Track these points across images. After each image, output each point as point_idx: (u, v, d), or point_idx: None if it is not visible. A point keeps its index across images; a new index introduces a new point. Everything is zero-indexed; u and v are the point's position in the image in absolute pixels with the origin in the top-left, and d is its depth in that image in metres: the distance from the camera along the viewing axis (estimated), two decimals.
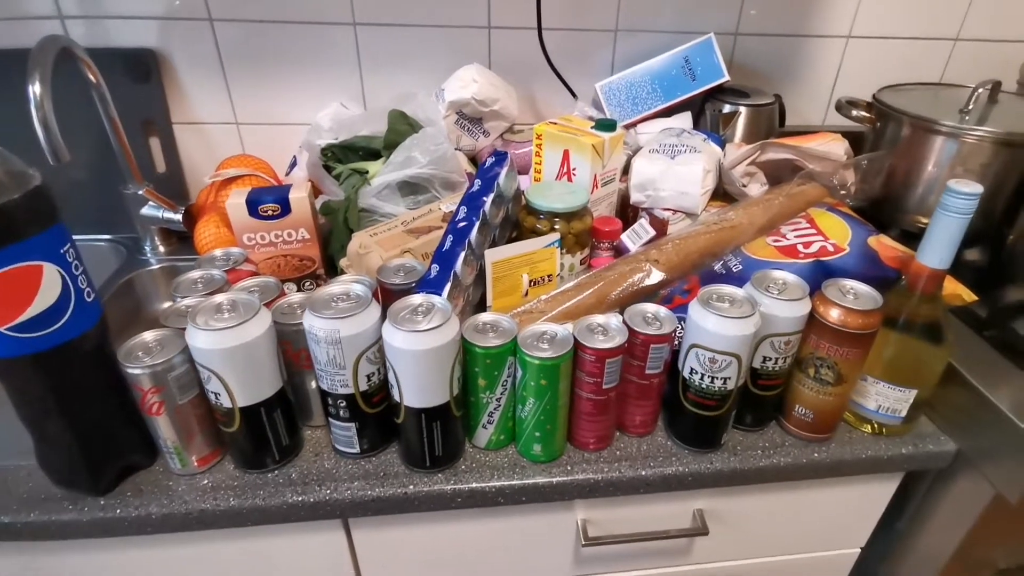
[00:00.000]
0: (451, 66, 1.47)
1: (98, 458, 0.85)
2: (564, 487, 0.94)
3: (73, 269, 0.73)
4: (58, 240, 0.71)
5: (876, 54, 1.66)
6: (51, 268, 0.70)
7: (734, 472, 0.97)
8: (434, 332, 0.79)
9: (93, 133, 1.37)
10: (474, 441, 0.97)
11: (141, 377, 0.79)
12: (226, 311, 0.81)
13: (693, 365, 0.89)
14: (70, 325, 0.73)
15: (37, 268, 0.69)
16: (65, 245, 0.72)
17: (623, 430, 1.01)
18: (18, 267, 0.68)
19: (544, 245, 1.03)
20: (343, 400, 0.87)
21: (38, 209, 0.69)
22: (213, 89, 1.48)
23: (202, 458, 0.90)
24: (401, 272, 1.00)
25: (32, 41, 1.10)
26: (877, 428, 1.01)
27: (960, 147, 1.24)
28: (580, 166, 1.18)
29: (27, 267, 0.68)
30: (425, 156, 1.24)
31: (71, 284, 0.73)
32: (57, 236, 0.71)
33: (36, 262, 0.69)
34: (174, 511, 0.86)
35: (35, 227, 0.69)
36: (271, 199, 1.14)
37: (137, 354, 0.80)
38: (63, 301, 0.72)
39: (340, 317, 0.79)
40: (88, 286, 0.76)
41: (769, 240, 1.09)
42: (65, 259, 0.72)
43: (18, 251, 0.67)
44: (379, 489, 0.90)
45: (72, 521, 0.85)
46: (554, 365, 0.84)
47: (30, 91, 1.02)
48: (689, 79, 1.49)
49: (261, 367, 0.83)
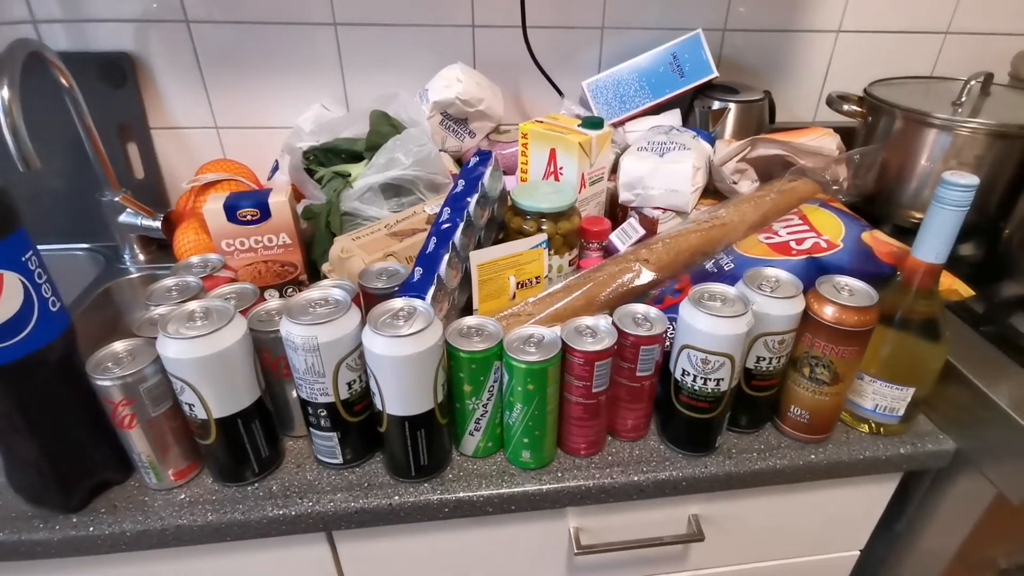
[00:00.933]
0: (435, 66, 1.45)
1: (69, 474, 0.82)
2: (555, 495, 0.92)
3: (36, 277, 0.70)
4: (19, 247, 0.69)
5: (866, 48, 1.65)
6: (12, 276, 0.68)
7: (729, 476, 0.95)
8: (416, 337, 0.76)
9: (68, 139, 1.35)
10: (461, 449, 0.95)
11: (111, 389, 0.76)
12: (199, 319, 0.78)
13: (685, 366, 0.87)
14: (34, 336, 0.71)
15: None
16: (27, 252, 0.70)
17: (614, 434, 0.99)
18: None
19: (531, 246, 1.01)
20: (323, 409, 0.84)
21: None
22: (191, 93, 1.46)
23: (178, 472, 0.87)
24: (384, 276, 0.98)
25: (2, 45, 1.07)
26: (875, 427, 0.99)
27: (954, 140, 1.23)
28: (567, 165, 1.16)
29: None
30: (408, 157, 1.22)
31: (34, 293, 0.70)
32: (17, 243, 0.69)
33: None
34: (150, 527, 0.84)
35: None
36: (250, 204, 1.11)
37: (106, 365, 0.78)
38: (26, 311, 0.69)
39: (318, 323, 0.77)
40: (53, 295, 0.74)
41: (761, 237, 1.07)
42: (27, 267, 0.69)
43: None
44: (363, 500, 0.88)
45: (43, 540, 0.82)
46: (541, 369, 0.82)
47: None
48: (677, 76, 1.47)
49: (237, 376, 0.80)
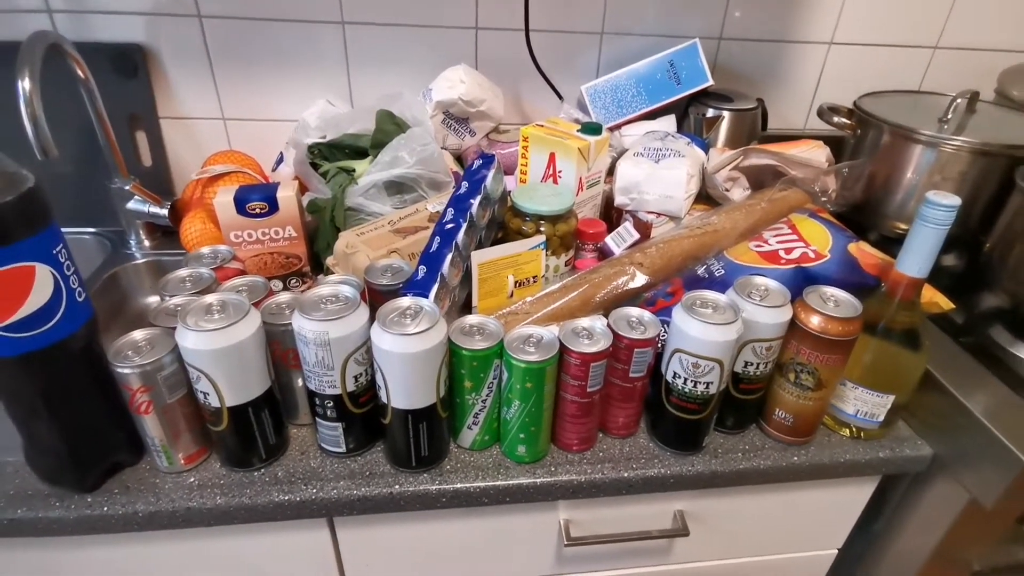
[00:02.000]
0: (438, 66, 1.48)
1: (85, 456, 0.86)
2: (548, 488, 0.95)
3: (65, 270, 0.74)
4: (51, 241, 0.72)
5: (857, 60, 1.68)
6: (43, 269, 0.71)
7: (715, 474, 0.98)
8: (422, 335, 0.80)
9: (78, 127, 1.37)
10: (459, 441, 0.98)
11: (130, 376, 0.80)
12: (216, 312, 0.81)
13: (676, 369, 0.91)
14: (61, 325, 0.74)
15: (29, 269, 0.69)
16: (58, 246, 0.73)
17: (606, 432, 1.02)
18: (10, 268, 0.68)
19: (530, 247, 1.04)
20: (330, 400, 0.88)
21: (31, 211, 0.70)
22: (200, 85, 1.48)
23: (189, 456, 0.91)
24: (388, 273, 1.01)
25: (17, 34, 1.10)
26: (855, 432, 1.03)
27: (938, 156, 1.26)
28: (566, 168, 1.19)
29: (19, 268, 0.69)
30: (412, 156, 1.25)
31: (63, 284, 0.73)
32: (50, 237, 0.72)
33: (28, 263, 0.69)
34: (161, 509, 0.87)
35: (28, 229, 0.69)
36: (259, 197, 1.14)
37: (126, 353, 0.81)
38: (55, 301, 0.72)
39: (329, 319, 0.80)
40: (79, 286, 0.77)
41: (751, 245, 1.10)
42: (57, 260, 0.72)
43: (11, 253, 0.68)
44: (365, 489, 0.91)
45: (59, 518, 0.85)
46: (540, 369, 0.85)
47: (19, 87, 1.02)
48: (674, 83, 1.50)
49: (250, 367, 0.83)
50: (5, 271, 0.67)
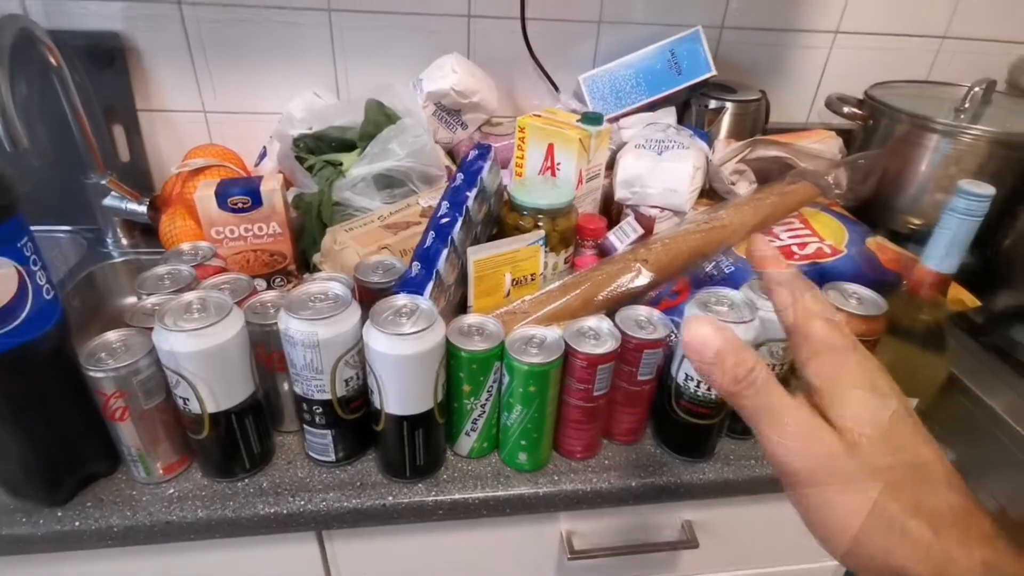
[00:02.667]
0: (429, 56, 1.44)
1: (55, 467, 0.81)
2: (550, 498, 0.92)
3: (31, 264, 0.69)
4: (15, 234, 0.67)
5: (862, 50, 1.65)
6: (6, 264, 0.66)
7: (727, 483, 0.95)
8: (419, 336, 0.76)
9: (52, 119, 1.32)
10: (455, 448, 0.94)
11: (104, 381, 0.75)
12: (196, 311, 0.77)
13: (688, 371, 0.87)
14: (27, 325, 0.69)
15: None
16: (23, 239, 0.68)
17: (610, 437, 0.99)
18: None
19: (528, 243, 1.00)
20: (319, 406, 0.83)
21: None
22: (180, 76, 1.43)
23: (168, 466, 0.86)
24: (380, 270, 0.97)
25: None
26: None
27: (955, 146, 1.24)
28: (565, 161, 1.16)
29: None
30: (403, 148, 1.21)
31: (28, 281, 0.69)
32: (14, 229, 0.67)
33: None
34: (138, 523, 0.83)
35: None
36: (241, 191, 1.10)
37: (100, 356, 0.77)
38: (19, 300, 0.68)
39: (319, 319, 0.76)
40: (47, 282, 0.72)
41: None
42: (22, 254, 0.68)
43: None
44: (356, 500, 0.87)
45: (26, 535, 0.81)
46: (544, 371, 0.82)
47: None
48: (675, 73, 1.47)
49: (233, 371, 0.79)
50: None
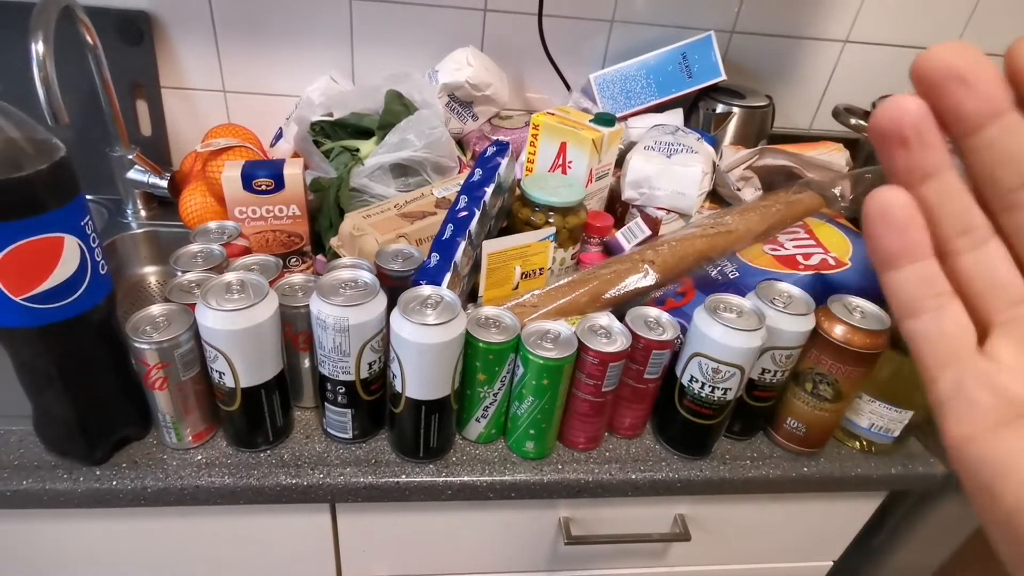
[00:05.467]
0: (442, 46, 1.51)
1: (95, 429, 0.88)
2: (554, 486, 0.98)
3: (91, 242, 0.76)
4: (80, 212, 0.74)
5: (870, 60, 1.70)
6: (72, 241, 0.73)
7: (723, 481, 1.02)
8: (444, 327, 0.82)
9: (80, 92, 1.39)
10: (464, 433, 1.01)
11: (148, 352, 0.82)
12: (236, 292, 0.84)
13: (694, 373, 0.93)
14: (84, 298, 0.76)
15: (59, 240, 0.72)
16: (85, 217, 0.75)
17: (612, 431, 1.05)
18: (41, 239, 0.70)
19: (540, 239, 1.06)
20: (342, 387, 0.91)
21: (63, 181, 0.72)
22: (204, 55, 1.50)
23: (197, 434, 0.94)
24: (400, 258, 1.03)
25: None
26: (866, 445, 1.06)
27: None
28: (577, 160, 1.22)
29: (49, 239, 0.71)
30: (420, 139, 1.27)
31: (88, 257, 0.76)
32: (79, 208, 0.74)
33: (58, 234, 0.71)
34: (170, 486, 0.90)
35: (58, 199, 0.71)
36: (265, 174, 1.16)
37: (144, 329, 0.83)
38: (80, 274, 0.75)
39: (350, 305, 0.83)
40: (103, 258, 0.79)
41: (766, 248, 1.13)
42: (85, 231, 0.75)
43: (42, 223, 0.70)
44: (371, 477, 0.94)
45: (67, 491, 0.88)
46: (558, 366, 0.88)
47: (32, 50, 1.04)
48: (685, 76, 1.53)
49: (266, 349, 0.86)
50: (35, 241, 0.70)
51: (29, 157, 0.69)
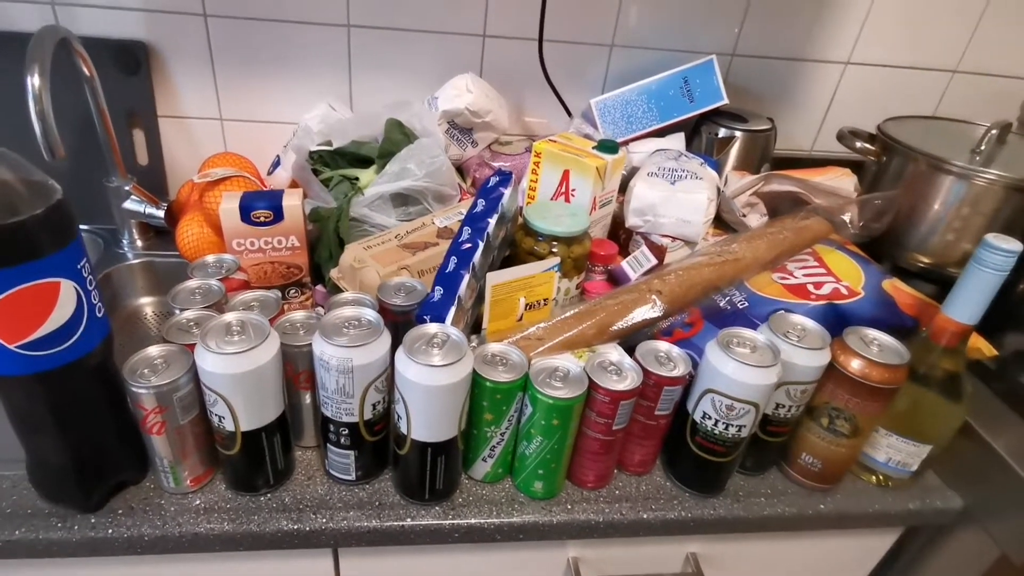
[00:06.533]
0: (441, 73, 1.52)
1: (91, 475, 0.87)
2: (564, 527, 0.97)
3: (88, 284, 0.75)
4: (76, 255, 0.73)
5: (872, 82, 1.72)
6: (68, 285, 0.72)
7: (737, 520, 1.00)
8: (451, 368, 0.81)
9: (76, 122, 1.39)
10: (470, 472, 1.00)
11: (145, 397, 0.81)
12: (236, 332, 0.83)
13: (707, 410, 0.92)
14: (80, 343, 0.75)
15: (54, 285, 0.70)
16: (82, 260, 0.74)
17: (621, 468, 1.04)
18: (35, 284, 0.69)
19: (544, 269, 1.05)
20: (346, 428, 0.89)
21: (59, 224, 0.71)
22: (200, 84, 1.51)
23: (195, 477, 0.93)
24: (402, 292, 1.02)
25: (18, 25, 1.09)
26: (883, 480, 1.05)
27: (970, 189, 1.28)
28: (580, 188, 1.22)
29: (44, 284, 0.70)
30: (421, 168, 1.27)
31: (85, 300, 0.74)
32: (76, 251, 0.73)
33: (54, 279, 0.70)
34: (167, 533, 0.88)
35: (55, 243, 0.70)
36: (264, 205, 1.15)
37: (142, 371, 0.82)
38: (76, 318, 0.74)
39: (354, 345, 0.82)
40: (99, 301, 0.78)
41: (775, 277, 1.12)
42: (81, 275, 0.74)
43: (37, 268, 0.69)
44: (375, 521, 0.93)
45: (61, 540, 0.87)
46: (568, 406, 0.87)
47: (28, 83, 1.04)
48: (687, 100, 1.53)
49: (267, 391, 0.85)
50: (30, 287, 0.68)
51: (25, 200, 0.67)
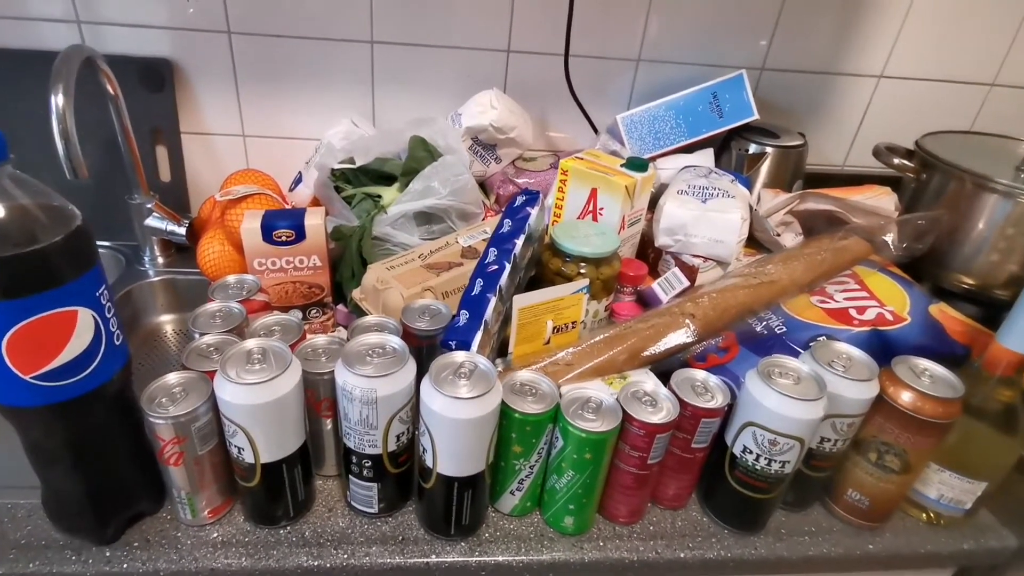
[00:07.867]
0: (464, 88, 1.52)
1: (106, 506, 0.86)
2: (596, 565, 0.95)
3: (106, 312, 0.74)
4: (95, 283, 0.73)
5: (906, 96, 1.70)
6: (86, 313, 0.71)
7: (780, 560, 0.98)
8: (478, 400, 0.80)
9: (100, 139, 1.40)
10: (497, 505, 0.98)
11: (163, 427, 0.81)
12: (256, 360, 0.82)
13: (748, 444, 0.90)
14: (97, 372, 0.74)
15: (72, 314, 0.70)
16: (101, 287, 0.74)
17: (655, 502, 1.02)
18: (53, 313, 0.68)
19: (573, 291, 1.03)
20: (369, 460, 0.88)
21: (78, 251, 0.70)
22: (224, 101, 1.53)
23: (213, 509, 0.92)
24: (427, 315, 1.01)
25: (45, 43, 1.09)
26: (934, 517, 1.02)
27: (1015, 207, 1.26)
28: (609, 206, 1.21)
29: (62, 313, 0.69)
30: (445, 187, 1.27)
31: (103, 328, 0.74)
32: (95, 278, 0.73)
33: (71, 308, 0.70)
34: (184, 568, 0.87)
35: (74, 271, 0.70)
36: (286, 225, 1.16)
37: (160, 400, 0.82)
38: (94, 347, 0.73)
39: (378, 376, 0.81)
40: (118, 328, 0.78)
41: (814, 300, 1.10)
42: (100, 302, 0.73)
43: (54, 297, 0.68)
44: (399, 557, 0.91)
45: (75, 574, 0.86)
46: (601, 439, 0.86)
47: (52, 102, 1.05)
48: (716, 116, 1.52)
49: (288, 422, 0.84)
50: (48, 316, 0.68)
51: (44, 228, 0.67)
